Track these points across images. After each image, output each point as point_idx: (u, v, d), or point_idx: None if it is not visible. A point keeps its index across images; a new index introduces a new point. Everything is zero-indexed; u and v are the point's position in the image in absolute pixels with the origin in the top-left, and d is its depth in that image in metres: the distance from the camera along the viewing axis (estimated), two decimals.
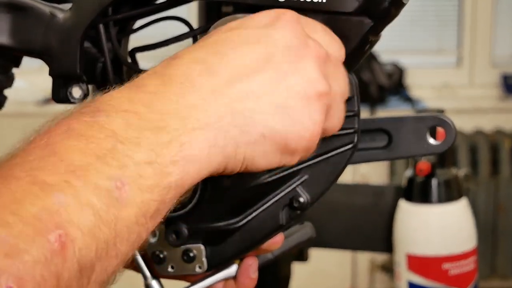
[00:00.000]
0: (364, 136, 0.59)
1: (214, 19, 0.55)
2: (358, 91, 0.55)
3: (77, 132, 0.40)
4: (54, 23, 0.56)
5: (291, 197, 0.56)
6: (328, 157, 0.56)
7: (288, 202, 0.56)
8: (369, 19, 0.51)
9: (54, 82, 0.58)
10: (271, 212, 0.55)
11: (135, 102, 0.43)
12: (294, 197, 0.56)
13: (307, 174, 0.56)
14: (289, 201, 0.56)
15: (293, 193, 0.56)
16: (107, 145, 0.40)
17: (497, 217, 2.99)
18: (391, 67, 3.12)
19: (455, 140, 0.59)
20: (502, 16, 3.25)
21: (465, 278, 0.95)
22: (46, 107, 2.97)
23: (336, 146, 0.56)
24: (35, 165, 0.39)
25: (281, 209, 0.56)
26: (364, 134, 0.59)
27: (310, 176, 0.56)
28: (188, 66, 0.46)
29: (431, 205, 0.97)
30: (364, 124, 0.57)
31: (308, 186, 0.56)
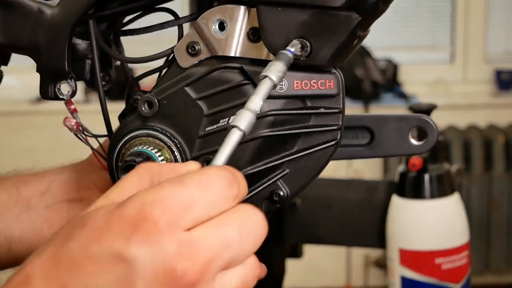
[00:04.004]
0: (347, 133, 0.59)
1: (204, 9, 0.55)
2: (344, 88, 0.55)
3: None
4: (41, 19, 0.56)
5: (271, 190, 0.56)
6: (310, 152, 0.56)
7: (267, 195, 0.56)
8: (357, 14, 0.51)
9: (42, 78, 0.57)
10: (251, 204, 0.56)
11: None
12: (274, 191, 0.56)
13: (289, 168, 0.56)
14: (269, 194, 0.56)
15: (274, 186, 0.56)
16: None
17: (490, 212, 2.99)
18: (384, 63, 3.12)
19: (437, 141, 0.59)
20: (495, 12, 3.25)
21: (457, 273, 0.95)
22: (39, 106, 2.97)
23: (319, 142, 0.56)
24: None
25: (261, 202, 0.56)
26: (347, 131, 0.59)
27: (292, 171, 0.56)
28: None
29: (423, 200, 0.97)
30: (347, 120, 0.57)
31: (288, 180, 0.56)
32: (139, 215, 0.42)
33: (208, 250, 0.43)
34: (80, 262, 0.43)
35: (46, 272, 0.43)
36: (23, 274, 0.44)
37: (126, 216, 0.43)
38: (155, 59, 0.58)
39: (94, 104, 2.82)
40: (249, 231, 0.45)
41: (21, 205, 0.70)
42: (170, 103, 0.55)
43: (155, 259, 0.42)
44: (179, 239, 0.42)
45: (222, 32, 0.54)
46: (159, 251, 0.42)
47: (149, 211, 0.42)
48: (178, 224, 0.43)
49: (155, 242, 0.42)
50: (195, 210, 0.43)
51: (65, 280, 0.43)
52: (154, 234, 0.42)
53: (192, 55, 0.55)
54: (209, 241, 0.43)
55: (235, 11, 0.54)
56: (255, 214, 0.46)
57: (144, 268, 0.42)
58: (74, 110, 0.60)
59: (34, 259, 0.44)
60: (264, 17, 0.52)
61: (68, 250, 0.43)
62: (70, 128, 0.60)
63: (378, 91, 3.03)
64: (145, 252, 0.42)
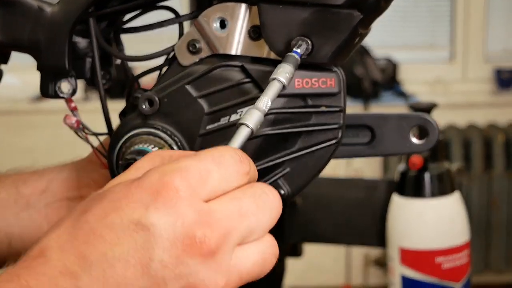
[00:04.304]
0: (348, 132, 0.59)
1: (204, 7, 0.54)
2: (345, 86, 0.55)
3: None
4: (42, 17, 0.56)
5: None
6: (311, 151, 0.56)
7: None
8: (359, 12, 0.51)
9: (42, 77, 0.57)
10: None
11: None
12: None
13: (290, 167, 0.56)
14: None
15: (274, 185, 0.56)
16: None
17: (490, 211, 2.99)
18: (384, 62, 3.12)
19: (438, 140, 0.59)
20: (494, 11, 3.25)
21: (458, 272, 0.95)
22: (39, 104, 2.96)
23: (320, 140, 0.56)
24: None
25: None
26: (347, 130, 0.59)
27: (292, 169, 0.56)
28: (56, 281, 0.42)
29: (424, 199, 0.97)
30: (348, 119, 0.57)
31: (289, 179, 0.56)
32: (159, 183, 0.43)
33: (226, 220, 0.43)
34: (98, 232, 0.42)
35: (62, 244, 0.43)
36: (39, 247, 0.43)
37: (146, 186, 0.43)
38: (156, 57, 0.58)
39: (94, 102, 2.82)
40: (265, 204, 0.45)
41: (21, 203, 0.70)
42: (171, 101, 0.55)
43: (174, 226, 0.42)
44: (199, 208, 0.43)
45: (223, 30, 0.54)
46: (179, 218, 0.42)
47: (169, 179, 0.43)
48: (197, 193, 0.43)
49: (174, 209, 0.42)
50: (212, 181, 0.44)
51: (82, 250, 0.42)
52: (174, 201, 0.42)
53: (193, 53, 0.55)
54: (227, 212, 0.44)
55: (236, 9, 0.54)
56: (270, 190, 0.46)
57: (163, 235, 0.42)
58: (75, 108, 0.60)
59: (50, 233, 0.44)
60: (265, 15, 0.52)
61: (85, 221, 0.43)
62: (70, 126, 0.60)
63: (378, 90, 3.02)
64: (164, 219, 0.42)
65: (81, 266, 0.42)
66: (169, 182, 0.43)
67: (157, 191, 0.42)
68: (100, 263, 0.42)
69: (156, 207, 0.42)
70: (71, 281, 0.42)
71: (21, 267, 0.43)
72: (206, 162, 0.44)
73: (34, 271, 0.42)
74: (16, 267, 0.43)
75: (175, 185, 0.43)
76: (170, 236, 0.42)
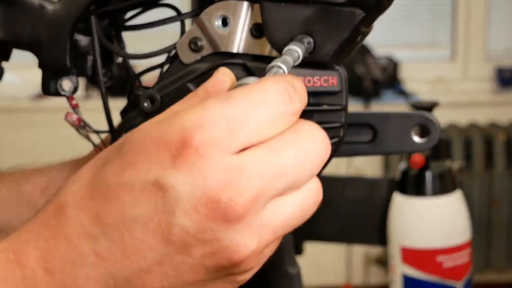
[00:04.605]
0: (349, 130, 0.59)
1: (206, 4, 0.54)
2: (347, 85, 0.55)
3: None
4: (43, 15, 0.56)
5: None
6: None
7: None
8: (361, 10, 0.51)
9: (43, 74, 0.57)
10: None
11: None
12: None
13: None
14: None
15: None
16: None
17: (491, 210, 2.99)
18: (385, 61, 3.12)
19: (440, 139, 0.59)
20: (496, 10, 3.25)
21: (459, 271, 0.95)
22: (40, 102, 2.96)
23: None
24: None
25: None
26: (349, 128, 0.58)
27: None
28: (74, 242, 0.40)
29: (425, 198, 0.96)
30: (350, 117, 0.57)
31: None
32: (179, 140, 0.38)
33: (258, 180, 0.38)
34: (115, 191, 0.39)
35: (79, 201, 0.40)
36: (58, 202, 0.41)
37: (164, 140, 0.39)
38: (157, 55, 0.58)
39: (95, 100, 2.82)
40: (309, 156, 0.41)
41: (22, 201, 0.70)
42: (173, 99, 0.55)
43: (195, 187, 0.38)
44: (225, 165, 0.38)
45: (224, 28, 0.54)
46: (200, 179, 0.38)
47: (188, 136, 0.38)
48: (224, 148, 0.38)
49: (196, 169, 0.38)
50: (244, 131, 0.39)
51: (98, 210, 0.40)
52: (195, 160, 0.38)
53: (195, 51, 0.55)
54: (261, 170, 0.38)
55: (238, 7, 0.54)
56: (316, 136, 0.42)
57: (184, 197, 0.38)
58: (76, 105, 0.60)
59: (69, 185, 0.42)
60: (267, 13, 0.52)
61: (102, 178, 0.40)
62: (71, 123, 0.60)
63: (379, 89, 3.02)
64: (184, 180, 0.38)
65: (99, 228, 0.39)
66: (190, 140, 0.38)
67: (176, 149, 0.38)
68: (118, 226, 0.39)
69: (176, 167, 0.38)
70: (89, 244, 0.39)
71: (40, 223, 0.41)
72: (241, 108, 0.39)
73: (52, 230, 0.40)
74: (35, 221, 0.41)
75: (196, 144, 0.38)
76: (191, 199, 0.38)
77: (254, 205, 0.39)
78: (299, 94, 0.42)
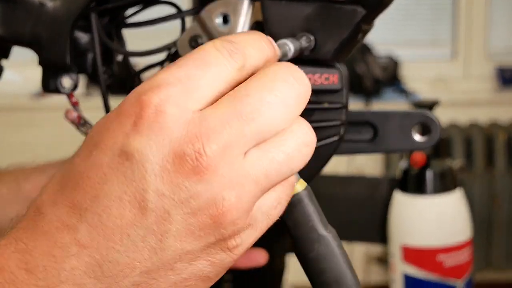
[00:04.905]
0: (350, 128, 0.59)
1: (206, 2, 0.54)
2: (347, 83, 0.55)
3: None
4: (43, 12, 0.55)
5: None
6: None
7: None
8: (362, 8, 0.51)
9: (44, 72, 0.57)
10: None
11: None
12: None
13: None
14: None
15: None
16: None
17: (492, 209, 2.99)
18: (386, 59, 3.12)
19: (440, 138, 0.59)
20: (497, 8, 3.24)
21: (460, 270, 0.95)
22: (40, 100, 2.96)
23: (322, 137, 0.55)
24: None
25: None
26: (349, 126, 0.58)
27: None
28: (54, 237, 0.39)
29: (426, 196, 0.96)
30: (350, 116, 0.57)
31: None
32: (137, 105, 0.38)
33: (223, 128, 0.37)
34: (86, 174, 0.38)
35: (53, 197, 0.40)
36: (35, 205, 0.40)
37: (123, 111, 0.38)
38: (158, 52, 0.57)
39: (95, 98, 2.82)
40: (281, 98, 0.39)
41: (22, 199, 0.70)
42: None
43: (160, 146, 0.37)
44: (186, 119, 0.37)
45: (225, 25, 0.54)
46: (164, 136, 0.37)
47: (146, 99, 0.37)
48: (183, 104, 0.38)
49: (158, 128, 0.37)
50: (201, 87, 0.38)
51: (72, 199, 0.39)
52: (156, 119, 0.37)
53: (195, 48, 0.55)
54: (224, 117, 0.38)
55: (239, 5, 0.54)
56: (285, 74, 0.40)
57: (151, 158, 0.37)
58: (76, 103, 0.59)
59: (44, 188, 0.41)
60: (268, 11, 0.52)
61: (72, 166, 0.39)
62: (71, 121, 0.59)
63: (379, 88, 3.02)
64: (148, 141, 0.37)
65: (76, 216, 0.38)
66: (148, 102, 0.37)
67: (136, 114, 0.37)
68: (94, 209, 0.38)
69: (137, 131, 0.37)
70: (69, 235, 0.38)
71: (19, 228, 0.40)
72: (188, 67, 0.39)
73: (31, 232, 0.39)
74: (14, 229, 0.40)
75: (155, 103, 0.37)
76: (158, 159, 0.37)
77: (225, 155, 0.37)
78: (239, 49, 0.40)
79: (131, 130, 0.38)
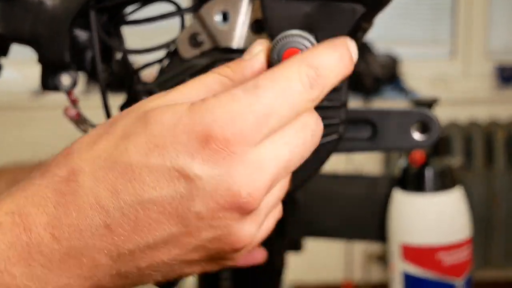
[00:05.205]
0: (349, 126, 0.59)
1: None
2: (347, 81, 0.55)
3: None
4: (42, 10, 0.55)
5: None
6: None
7: None
8: (362, 6, 0.51)
9: (43, 69, 0.57)
10: None
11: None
12: None
13: None
14: None
15: None
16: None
17: (491, 208, 2.99)
18: (385, 58, 3.12)
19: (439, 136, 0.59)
20: (497, 7, 3.24)
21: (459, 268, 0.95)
22: (39, 99, 2.96)
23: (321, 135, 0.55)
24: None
25: None
26: (349, 124, 0.58)
27: None
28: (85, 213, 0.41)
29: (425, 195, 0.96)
30: (349, 114, 0.57)
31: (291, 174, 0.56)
32: (209, 132, 0.39)
33: (271, 174, 0.41)
34: (138, 170, 0.40)
35: (96, 172, 0.40)
36: (69, 167, 0.41)
37: (194, 130, 0.40)
38: (157, 50, 0.57)
39: (94, 95, 2.82)
40: (306, 149, 0.44)
41: None
42: None
43: (220, 181, 0.40)
44: (249, 160, 0.40)
45: (225, 23, 0.54)
46: (226, 173, 0.40)
47: (218, 129, 0.39)
48: (250, 141, 0.40)
49: (223, 164, 0.39)
50: (269, 123, 0.41)
51: (116, 185, 0.40)
52: (223, 155, 0.39)
53: (195, 46, 0.55)
54: (274, 164, 0.41)
55: (239, 2, 0.53)
56: (317, 131, 0.44)
57: (206, 188, 0.40)
58: (75, 100, 0.59)
59: (82, 152, 0.42)
60: (268, 9, 0.52)
61: (125, 151, 0.40)
62: (70, 118, 0.59)
63: (379, 86, 3.02)
64: (211, 173, 0.39)
65: (114, 202, 0.40)
66: (219, 134, 0.39)
67: (206, 140, 0.39)
68: (134, 204, 0.40)
69: (203, 158, 0.39)
70: (100, 217, 0.40)
71: (49, 186, 0.41)
72: (267, 100, 0.40)
73: (63, 197, 0.40)
74: (43, 183, 0.41)
75: (225, 138, 0.39)
76: (213, 191, 0.40)
77: (266, 196, 0.42)
78: (321, 79, 0.43)
79: (198, 155, 0.39)
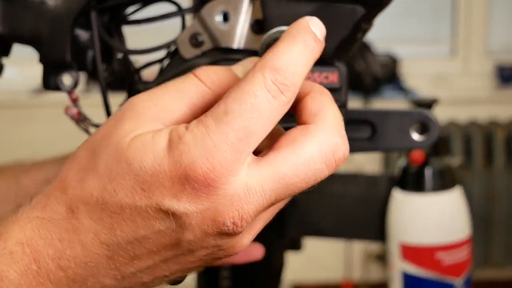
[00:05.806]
0: (349, 127, 0.59)
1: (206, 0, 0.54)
2: (347, 81, 0.55)
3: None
4: (43, 9, 0.56)
5: None
6: None
7: None
8: (362, 7, 0.51)
9: (44, 69, 0.57)
10: None
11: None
12: None
13: None
14: None
15: None
16: None
17: (491, 207, 2.99)
18: (385, 57, 3.12)
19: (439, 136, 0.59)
20: (496, 6, 3.24)
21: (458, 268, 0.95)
22: (40, 97, 2.96)
23: None
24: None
25: None
26: (348, 125, 0.58)
27: None
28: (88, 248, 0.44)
29: (425, 194, 0.96)
30: (349, 114, 0.57)
31: None
32: (189, 174, 0.41)
33: (259, 200, 0.43)
34: (128, 210, 0.43)
35: (91, 212, 0.43)
36: (67, 205, 0.44)
37: (176, 176, 0.41)
38: (157, 50, 0.57)
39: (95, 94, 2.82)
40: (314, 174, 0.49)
41: (21, 195, 0.70)
42: None
43: (205, 215, 0.42)
44: (231, 192, 0.42)
45: (225, 23, 0.54)
46: (209, 208, 0.42)
47: (199, 172, 0.41)
48: (230, 172, 0.41)
49: (205, 200, 0.42)
50: (249, 145, 0.42)
51: (112, 223, 0.43)
52: (205, 191, 0.41)
53: (195, 46, 0.55)
54: (261, 190, 0.42)
55: (239, 3, 0.54)
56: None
57: (193, 222, 0.42)
58: (76, 99, 0.60)
59: (76, 189, 0.44)
60: (268, 9, 0.52)
61: (114, 195, 0.43)
62: (71, 116, 0.60)
63: (379, 85, 3.02)
64: (196, 209, 0.42)
65: (112, 238, 0.43)
66: (199, 174, 0.41)
67: (188, 182, 0.41)
68: (131, 239, 0.43)
69: (188, 198, 0.41)
70: (102, 250, 0.43)
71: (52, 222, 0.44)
72: (239, 126, 0.41)
73: (66, 234, 0.43)
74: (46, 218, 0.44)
75: (206, 175, 0.41)
76: (200, 224, 0.42)
77: (254, 219, 0.43)
78: (289, 78, 0.42)
79: (181, 193, 0.42)
